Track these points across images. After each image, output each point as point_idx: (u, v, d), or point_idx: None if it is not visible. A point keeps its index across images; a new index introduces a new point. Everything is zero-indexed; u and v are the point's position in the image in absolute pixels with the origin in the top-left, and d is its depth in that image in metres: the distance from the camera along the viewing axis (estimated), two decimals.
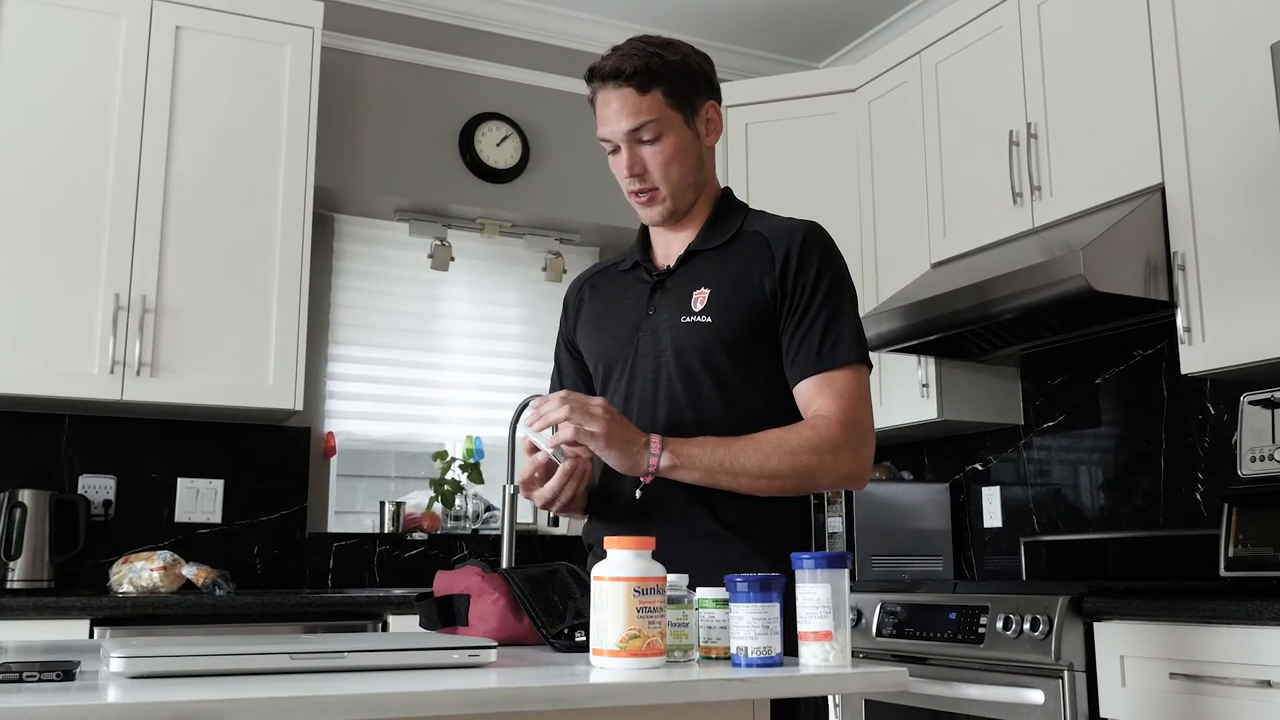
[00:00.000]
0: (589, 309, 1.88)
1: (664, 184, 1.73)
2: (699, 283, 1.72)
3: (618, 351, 1.77)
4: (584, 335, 1.87)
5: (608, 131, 1.72)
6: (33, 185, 3.10)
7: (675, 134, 1.72)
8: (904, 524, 3.57)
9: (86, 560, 3.28)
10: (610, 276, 1.89)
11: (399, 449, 3.98)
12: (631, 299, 1.80)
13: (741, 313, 1.68)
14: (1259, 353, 2.46)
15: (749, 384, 1.69)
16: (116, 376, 3.10)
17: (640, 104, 1.69)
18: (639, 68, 1.69)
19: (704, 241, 1.77)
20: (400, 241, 3.99)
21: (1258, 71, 2.48)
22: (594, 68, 1.74)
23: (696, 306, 1.70)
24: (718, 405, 1.67)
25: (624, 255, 1.91)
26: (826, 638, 1.26)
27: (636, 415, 1.70)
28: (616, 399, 1.75)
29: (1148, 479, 3.10)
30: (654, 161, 1.71)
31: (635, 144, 1.71)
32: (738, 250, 1.74)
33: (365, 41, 3.85)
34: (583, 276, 1.95)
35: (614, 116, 1.70)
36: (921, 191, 3.43)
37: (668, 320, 1.72)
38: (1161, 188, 2.70)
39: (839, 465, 1.62)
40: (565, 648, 1.44)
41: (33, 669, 1.07)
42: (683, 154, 1.73)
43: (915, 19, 3.92)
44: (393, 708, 1.01)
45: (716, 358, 1.67)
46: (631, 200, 1.77)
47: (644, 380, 1.72)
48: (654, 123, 1.70)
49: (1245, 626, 2.11)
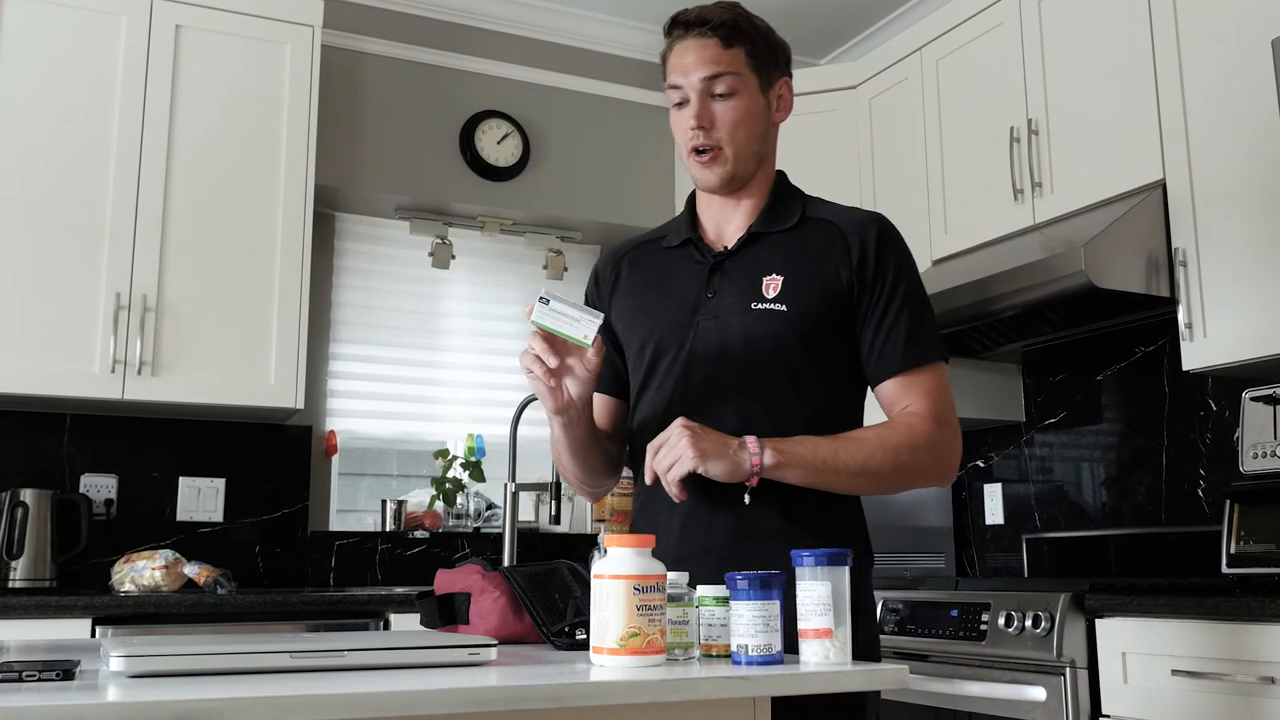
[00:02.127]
0: (630, 285, 1.78)
1: (729, 144, 1.66)
2: (769, 268, 1.65)
3: (671, 334, 1.68)
4: (625, 312, 1.77)
5: (682, 79, 1.66)
6: (33, 184, 3.10)
7: (750, 95, 1.67)
8: (906, 521, 3.57)
9: (88, 559, 3.28)
10: (652, 252, 1.80)
11: (400, 447, 3.98)
12: (685, 279, 1.71)
13: (818, 303, 1.63)
14: (1261, 349, 2.46)
15: (820, 375, 1.64)
16: (118, 375, 3.10)
17: (722, 55, 1.65)
18: (726, 20, 1.66)
19: (767, 224, 1.70)
20: (401, 240, 3.99)
21: (1259, 67, 2.48)
22: (678, 16, 1.68)
23: (769, 293, 1.63)
24: (789, 395, 1.62)
25: (663, 231, 1.82)
26: (827, 635, 1.26)
27: (702, 401, 1.63)
28: (669, 383, 1.67)
29: (1149, 475, 3.10)
30: (724, 118, 1.65)
31: (708, 96, 1.65)
32: (808, 237, 1.68)
33: (365, 40, 3.85)
34: (618, 250, 1.85)
35: (692, 65, 1.65)
36: (922, 188, 3.43)
37: (734, 305, 1.65)
38: (1163, 184, 2.69)
39: (935, 464, 1.62)
40: (566, 646, 1.44)
41: (33, 668, 1.07)
42: (753, 118, 1.68)
43: (916, 15, 3.91)
44: (393, 706, 1.00)
45: (790, 347, 1.62)
46: (690, 160, 1.69)
47: (706, 366, 1.65)
48: (732, 76, 1.65)
49: (1247, 623, 2.10)
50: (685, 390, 1.65)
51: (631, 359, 1.75)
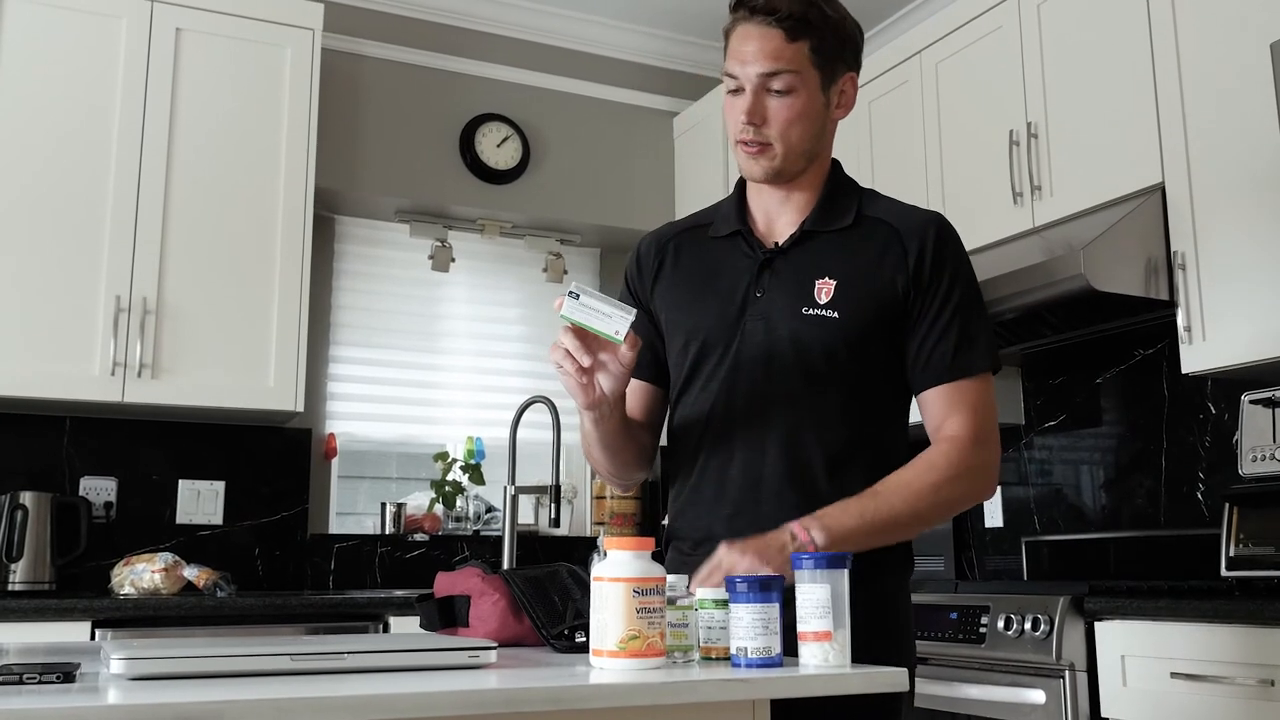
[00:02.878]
0: (675, 273, 1.71)
1: (780, 141, 1.59)
2: (821, 271, 1.59)
3: (719, 332, 1.62)
4: (671, 303, 1.70)
5: (739, 70, 1.58)
6: (33, 187, 3.10)
7: (808, 94, 1.59)
8: None
9: (88, 562, 3.28)
10: (698, 240, 1.72)
11: (400, 450, 3.98)
12: (734, 274, 1.64)
13: (872, 310, 1.57)
14: (1260, 352, 2.46)
15: (870, 385, 1.59)
16: (117, 378, 3.10)
17: (784, 50, 1.56)
18: (795, 11, 1.56)
19: (821, 222, 1.63)
20: (401, 243, 3.99)
21: (1257, 70, 2.48)
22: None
23: (821, 299, 1.57)
24: (836, 405, 1.57)
25: (709, 216, 1.75)
26: (826, 638, 1.26)
27: (746, 407, 1.59)
28: (714, 385, 1.62)
29: (1149, 479, 3.10)
30: (778, 115, 1.58)
31: (764, 90, 1.57)
32: (863, 238, 1.61)
33: (365, 43, 3.85)
34: (662, 234, 1.77)
35: (752, 55, 1.57)
36: (922, 191, 3.43)
37: (785, 308, 1.59)
38: (1162, 187, 2.70)
39: (977, 487, 1.58)
40: (565, 648, 1.44)
41: (33, 671, 1.07)
42: (809, 117, 1.60)
43: (915, 19, 3.92)
44: (393, 709, 1.01)
45: (841, 355, 1.56)
46: (737, 150, 1.63)
47: (753, 370, 1.59)
48: (791, 74, 1.57)
49: (1247, 626, 2.10)
50: (730, 394, 1.60)
51: (674, 353, 1.70)
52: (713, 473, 1.62)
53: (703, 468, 1.63)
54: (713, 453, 1.62)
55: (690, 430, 1.65)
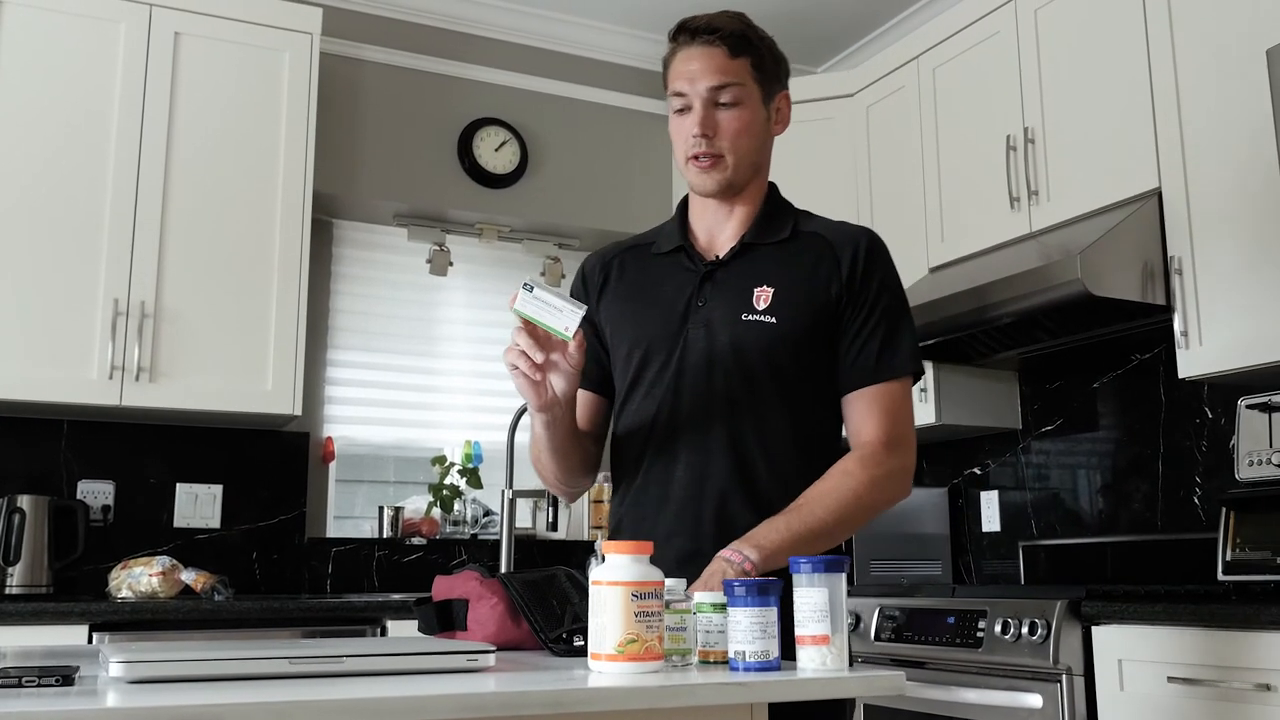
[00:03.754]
0: (620, 288, 1.80)
1: (732, 152, 1.69)
2: (759, 279, 1.68)
3: (662, 340, 1.70)
4: (615, 315, 1.78)
5: (686, 87, 1.68)
6: (32, 191, 3.10)
7: (753, 106, 1.70)
8: (902, 528, 3.57)
9: (85, 565, 3.27)
10: (641, 256, 1.81)
11: (397, 454, 3.98)
12: (675, 285, 1.73)
13: (808, 316, 1.66)
14: (1256, 356, 2.46)
15: (807, 387, 1.67)
16: (115, 382, 3.10)
17: (729, 65, 1.67)
18: (735, 30, 1.68)
19: (760, 235, 1.73)
20: (399, 247, 4.00)
21: (1254, 76, 2.49)
22: (685, 23, 1.70)
23: (759, 305, 1.67)
24: (775, 406, 1.65)
25: (652, 236, 1.84)
26: (824, 642, 1.26)
27: (690, 411, 1.66)
28: (658, 390, 1.69)
29: (1146, 483, 3.11)
30: (729, 127, 1.68)
31: (712, 105, 1.67)
32: (799, 250, 1.71)
33: (364, 47, 3.86)
34: (606, 252, 1.86)
35: (699, 72, 1.67)
36: (919, 196, 3.44)
37: (724, 315, 1.67)
38: (1158, 192, 2.70)
39: (892, 491, 1.66)
40: (563, 652, 1.44)
41: (32, 674, 1.07)
42: (755, 129, 1.71)
43: (913, 24, 3.93)
44: (391, 712, 1.01)
45: (779, 358, 1.65)
46: (688, 166, 1.71)
47: (695, 375, 1.67)
48: (738, 86, 1.68)
49: (1243, 630, 2.11)
50: (675, 398, 1.68)
51: (619, 363, 1.77)
52: (657, 473, 1.68)
53: (647, 470, 1.70)
54: (657, 455, 1.69)
55: (635, 435, 1.72)
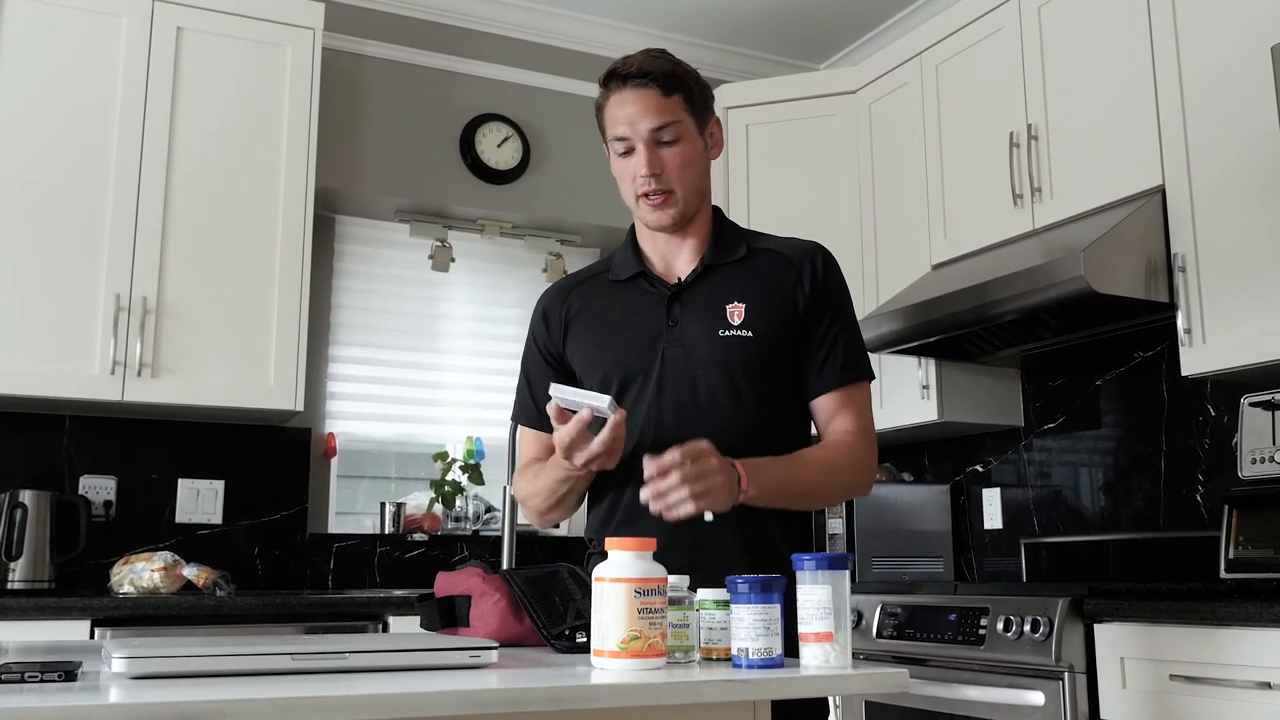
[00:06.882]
0: (585, 320, 1.84)
1: (680, 186, 1.75)
2: (729, 297, 1.76)
3: (637, 362, 1.75)
4: (582, 346, 1.82)
5: (627, 130, 1.73)
6: (34, 186, 3.10)
7: (691, 139, 1.76)
8: (904, 526, 3.57)
9: (87, 561, 3.27)
10: (600, 287, 1.86)
11: (399, 450, 3.98)
12: (643, 309, 1.79)
13: (780, 327, 1.75)
14: (1259, 354, 2.46)
15: (783, 393, 1.77)
16: (117, 377, 3.10)
17: (665, 104, 1.73)
18: (665, 71, 1.74)
19: (718, 256, 1.80)
20: (401, 242, 3.99)
21: (1258, 73, 2.49)
22: (615, 69, 1.75)
23: (734, 320, 1.74)
24: (761, 415, 1.73)
25: (603, 265, 1.89)
26: (827, 639, 1.26)
27: (675, 425, 1.70)
28: (641, 409, 1.73)
29: (1148, 481, 3.10)
30: (673, 163, 1.74)
31: (655, 145, 1.73)
32: (759, 267, 1.79)
33: (366, 43, 3.85)
34: (563, 286, 1.90)
35: (637, 115, 1.72)
36: (922, 193, 3.43)
37: (700, 331, 1.74)
38: (1162, 189, 2.70)
39: (863, 478, 1.77)
40: (566, 649, 1.44)
41: (34, 669, 1.07)
42: (696, 160, 1.78)
43: (916, 20, 3.92)
44: (394, 708, 1.01)
45: (757, 370, 1.73)
46: (640, 204, 1.77)
47: (678, 393, 1.73)
48: (676, 124, 1.74)
49: (1245, 628, 2.11)
50: (658, 415, 1.73)
51: (595, 390, 1.78)
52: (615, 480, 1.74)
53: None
54: None
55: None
